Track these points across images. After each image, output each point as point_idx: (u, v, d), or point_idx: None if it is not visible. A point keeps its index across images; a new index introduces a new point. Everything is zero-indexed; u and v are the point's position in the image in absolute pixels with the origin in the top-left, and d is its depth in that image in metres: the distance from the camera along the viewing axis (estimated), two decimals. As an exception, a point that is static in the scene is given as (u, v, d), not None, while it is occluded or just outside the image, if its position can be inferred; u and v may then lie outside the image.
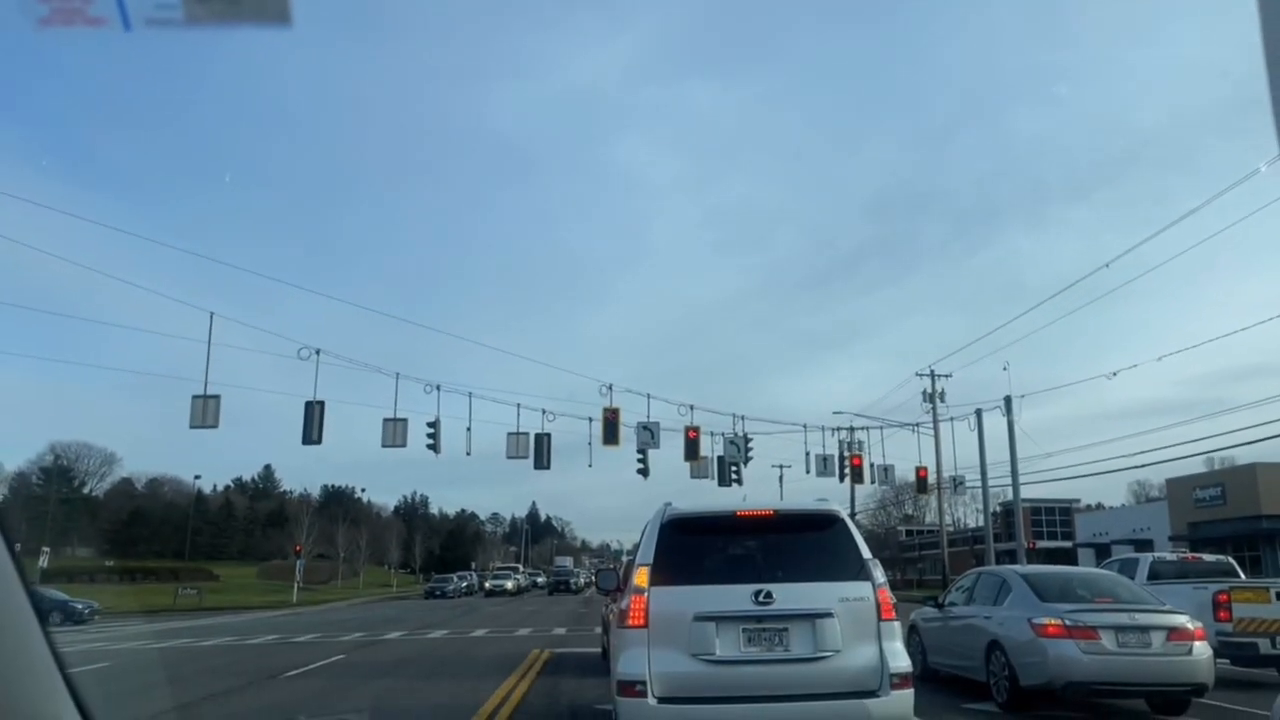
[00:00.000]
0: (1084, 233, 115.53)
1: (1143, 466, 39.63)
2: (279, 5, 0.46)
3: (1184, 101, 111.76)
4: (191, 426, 24.29)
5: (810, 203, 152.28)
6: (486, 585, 64.66)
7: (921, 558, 68.72)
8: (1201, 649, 10.05)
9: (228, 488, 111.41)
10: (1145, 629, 10.03)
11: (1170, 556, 18.70)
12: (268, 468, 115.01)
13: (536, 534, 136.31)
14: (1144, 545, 41.96)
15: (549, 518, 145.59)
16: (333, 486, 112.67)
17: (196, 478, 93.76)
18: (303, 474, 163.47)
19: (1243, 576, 17.04)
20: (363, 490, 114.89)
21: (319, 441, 25.49)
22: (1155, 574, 15.96)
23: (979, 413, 36.76)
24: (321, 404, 25.57)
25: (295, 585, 60.65)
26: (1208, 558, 17.84)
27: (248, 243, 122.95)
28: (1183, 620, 10.21)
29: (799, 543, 7.19)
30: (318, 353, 25.52)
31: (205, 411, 24.23)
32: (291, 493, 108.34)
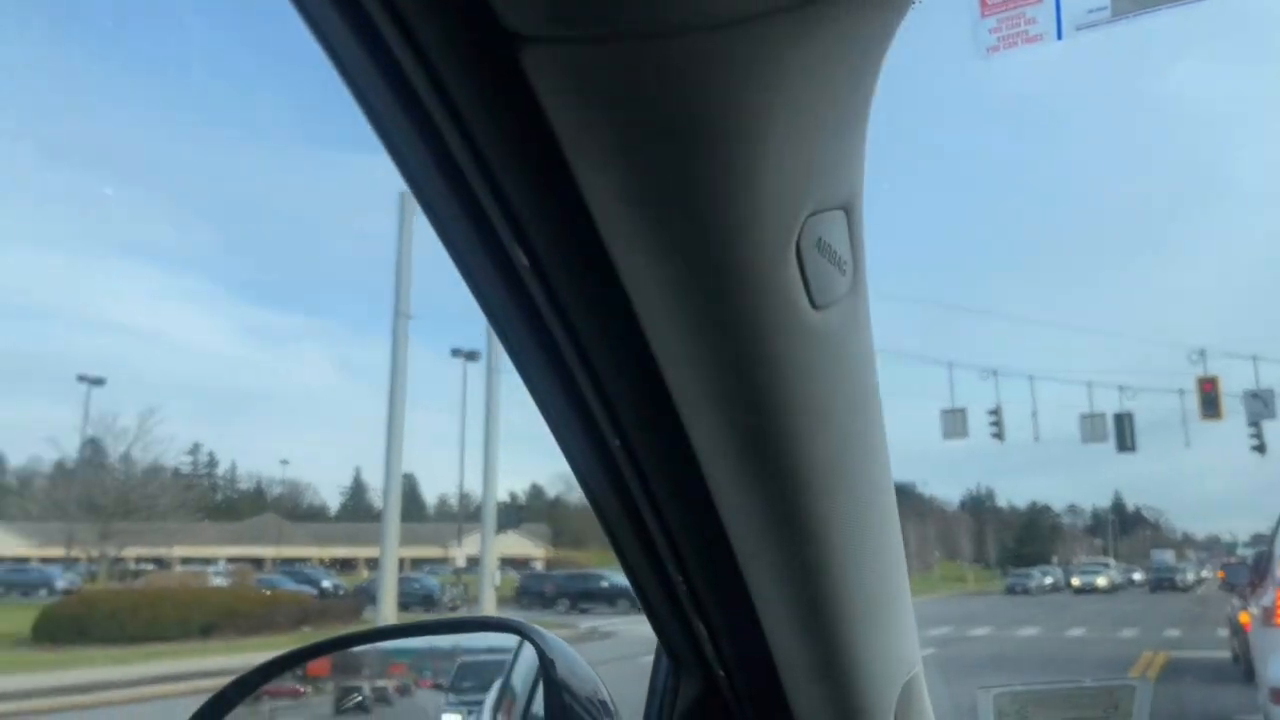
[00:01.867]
0: None
1: None
2: None
3: None
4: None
5: None
6: (1074, 581, 60.31)
7: None
8: None
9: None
10: None
11: None
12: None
13: (1124, 525, 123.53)
14: None
15: (1138, 508, 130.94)
16: (895, 482, 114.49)
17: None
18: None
19: None
20: (924, 484, 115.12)
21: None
22: None
23: None
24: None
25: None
26: None
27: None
28: None
29: None
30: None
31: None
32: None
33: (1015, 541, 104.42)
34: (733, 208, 0.54)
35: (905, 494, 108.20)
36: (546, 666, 1.06)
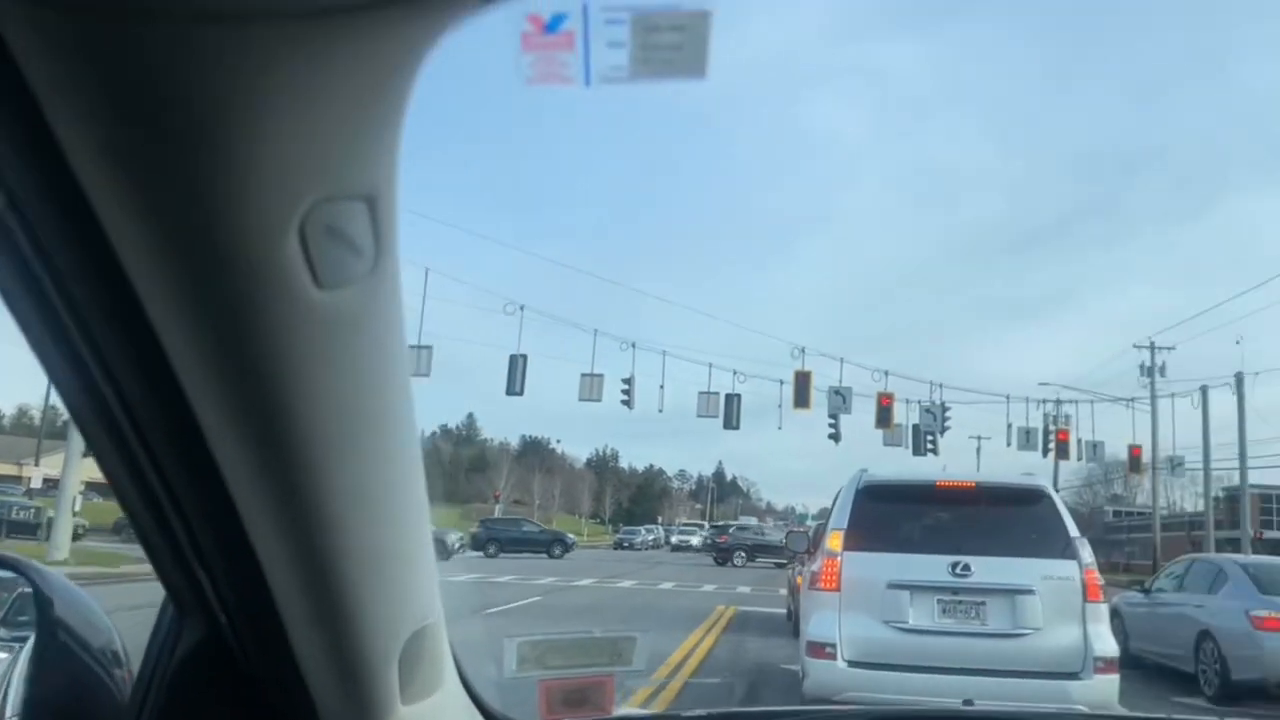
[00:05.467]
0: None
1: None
2: (700, 66, 0.61)
3: None
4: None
5: (1012, 163, 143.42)
6: (672, 540, 65.94)
7: (1130, 541, 64.14)
8: None
9: (434, 434, 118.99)
10: None
11: None
12: (470, 416, 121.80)
13: (722, 493, 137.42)
14: (1398, 543, 37.50)
15: (735, 477, 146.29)
16: (530, 436, 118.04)
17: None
18: (503, 423, 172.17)
19: None
20: (558, 441, 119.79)
21: (521, 393, 26.95)
22: None
23: (1204, 390, 33.89)
24: (524, 357, 26.98)
25: (494, 528, 64.23)
26: None
27: (456, 202, 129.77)
28: None
29: (1001, 517, 7.08)
30: (522, 309, 26.85)
31: (418, 361, 26.09)
32: (492, 441, 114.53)
33: (630, 500, 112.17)
34: (222, 192, 0.57)
35: (538, 449, 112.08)
36: (43, 605, 1.02)
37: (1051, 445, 33.30)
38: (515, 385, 26.82)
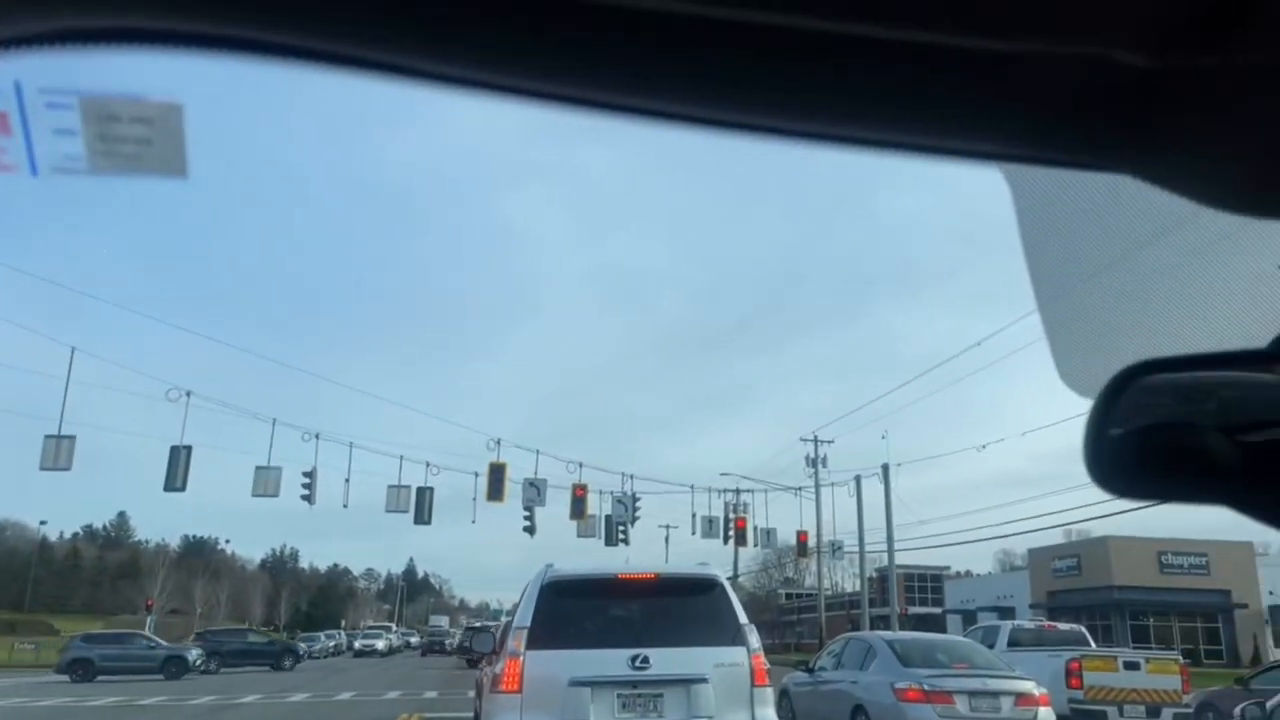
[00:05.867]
0: (954, 311, 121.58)
1: (1007, 536, 41.45)
2: (179, 163, 0.54)
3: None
4: (42, 468, 22.83)
5: (694, 268, 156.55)
6: (356, 645, 62.03)
7: (800, 621, 69.55)
8: (1046, 714, 10.75)
9: (76, 535, 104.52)
10: (996, 694, 10.63)
11: (1029, 624, 19.55)
12: (122, 515, 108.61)
13: (413, 591, 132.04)
14: (1007, 612, 43.61)
15: (427, 574, 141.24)
16: (194, 537, 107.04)
17: (42, 523, 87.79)
18: (161, 523, 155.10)
19: (1093, 645, 17.91)
20: (227, 541, 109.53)
21: (183, 488, 24.26)
22: (1015, 641, 16.61)
23: (858, 479, 37.77)
24: (188, 449, 24.44)
25: (146, 643, 56.77)
26: (1062, 626, 18.71)
27: (110, 276, 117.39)
28: (1029, 686, 10.90)
29: (679, 607, 7.21)
30: (188, 395, 24.44)
31: (59, 452, 22.80)
32: (147, 542, 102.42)
33: (310, 604, 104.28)
34: None
35: (203, 550, 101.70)
36: None
37: (731, 533, 35.34)
38: (176, 480, 24.11)
